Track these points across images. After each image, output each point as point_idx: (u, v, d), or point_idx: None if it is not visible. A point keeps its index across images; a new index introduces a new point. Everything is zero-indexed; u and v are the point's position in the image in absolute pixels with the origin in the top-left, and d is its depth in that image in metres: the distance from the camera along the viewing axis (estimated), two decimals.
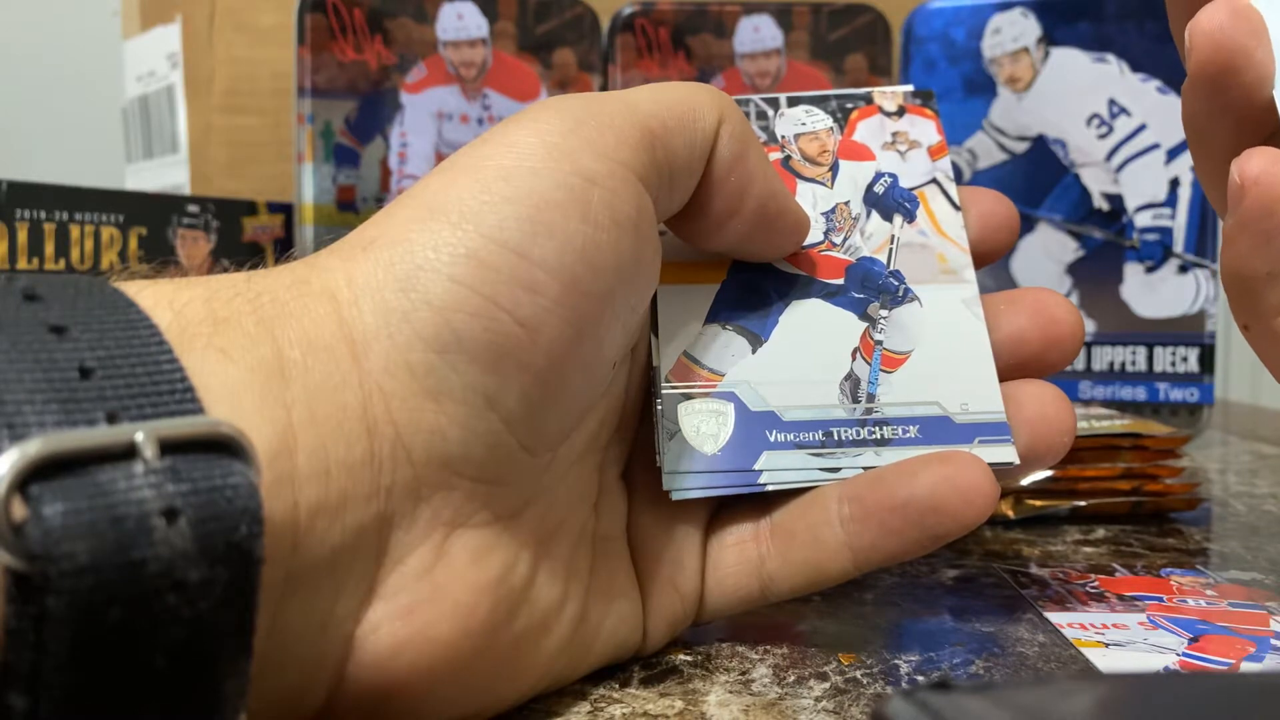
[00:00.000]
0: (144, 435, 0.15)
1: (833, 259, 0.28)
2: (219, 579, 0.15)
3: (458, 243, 0.20)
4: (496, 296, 0.20)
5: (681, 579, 0.25)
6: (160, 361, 0.16)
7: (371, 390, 0.19)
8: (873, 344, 0.26)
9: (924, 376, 0.26)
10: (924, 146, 0.29)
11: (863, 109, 0.30)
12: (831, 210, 0.28)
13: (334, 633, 0.19)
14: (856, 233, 0.28)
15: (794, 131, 0.29)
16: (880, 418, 0.26)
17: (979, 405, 0.26)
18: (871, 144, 0.29)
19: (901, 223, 0.28)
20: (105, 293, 0.17)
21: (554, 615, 0.22)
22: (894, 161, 0.29)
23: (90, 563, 0.14)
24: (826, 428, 0.25)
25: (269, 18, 0.65)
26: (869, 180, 0.29)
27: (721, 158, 0.24)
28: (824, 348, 0.26)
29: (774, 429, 0.25)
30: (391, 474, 0.19)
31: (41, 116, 1.05)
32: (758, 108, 0.29)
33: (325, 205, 0.55)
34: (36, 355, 0.15)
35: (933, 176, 0.29)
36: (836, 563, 0.25)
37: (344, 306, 0.20)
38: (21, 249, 0.46)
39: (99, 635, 0.14)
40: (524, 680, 0.22)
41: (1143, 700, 0.15)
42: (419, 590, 0.20)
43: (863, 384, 0.26)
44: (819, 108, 0.29)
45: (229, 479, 0.15)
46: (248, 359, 0.18)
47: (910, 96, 0.30)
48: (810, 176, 0.29)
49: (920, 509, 0.24)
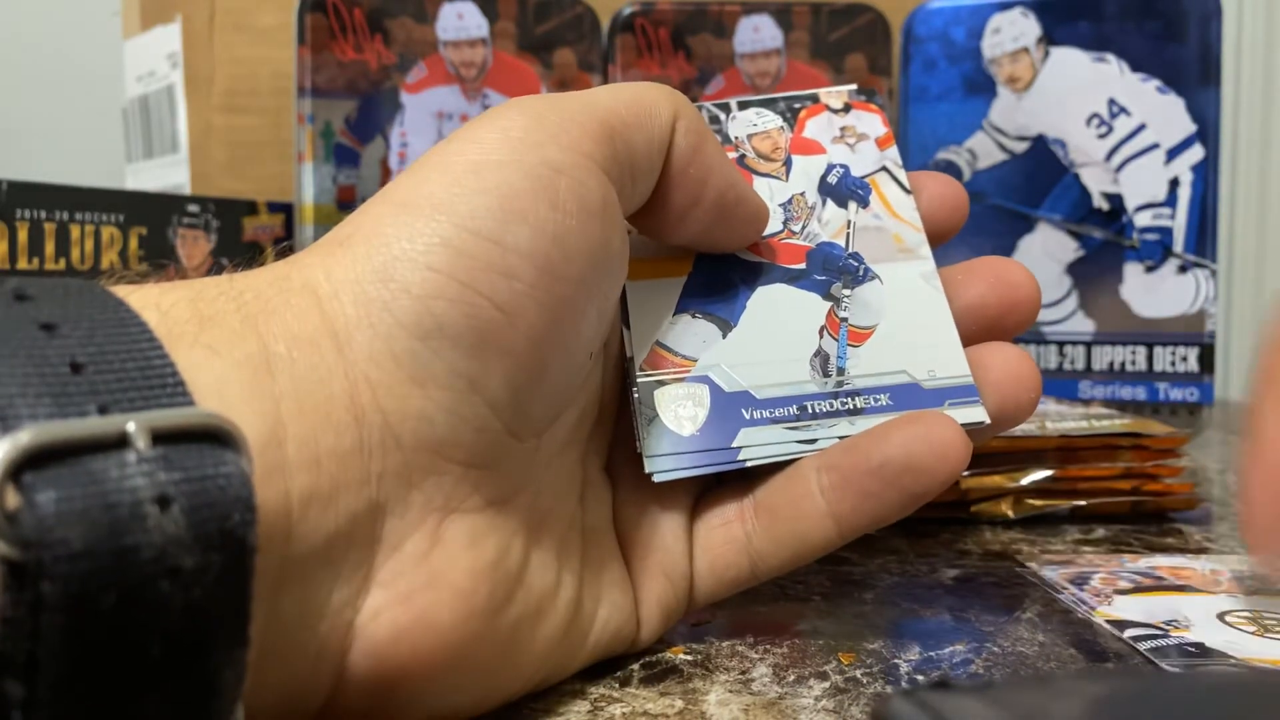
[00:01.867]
0: (136, 425, 0.15)
1: (793, 246, 0.28)
2: (213, 566, 0.15)
3: (432, 232, 0.20)
4: (474, 282, 0.20)
5: (670, 564, 0.26)
6: (150, 356, 0.16)
7: (357, 379, 0.20)
8: (838, 321, 0.27)
9: (890, 348, 0.27)
10: (871, 138, 0.30)
11: (810, 108, 0.31)
12: (788, 201, 0.29)
13: (333, 621, 0.19)
14: (814, 220, 0.29)
15: (746, 132, 0.30)
16: (851, 389, 0.26)
17: (945, 370, 0.26)
18: (822, 139, 0.30)
19: (856, 208, 0.29)
20: (95, 293, 0.17)
21: (549, 600, 0.23)
22: (844, 154, 0.30)
23: (84, 548, 0.14)
24: (800, 402, 0.26)
25: (269, 18, 0.65)
26: (822, 172, 0.30)
27: (679, 151, 0.25)
28: (792, 328, 0.27)
29: (750, 407, 0.26)
30: (382, 461, 0.20)
31: (41, 116, 1.05)
32: (709, 113, 0.31)
33: (325, 205, 0.55)
34: (28, 352, 0.15)
35: (882, 165, 0.30)
36: (821, 532, 0.25)
37: (325, 300, 0.20)
38: (22, 249, 0.46)
39: (94, 621, 0.14)
40: (523, 667, 0.22)
41: (1143, 699, 0.15)
42: (417, 576, 0.20)
43: (832, 359, 0.27)
44: (768, 109, 0.31)
45: (221, 468, 0.16)
46: (234, 354, 0.18)
47: (855, 94, 0.31)
48: (765, 172, 0.30)
49: (896, 469, 0.24)
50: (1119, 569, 0.33)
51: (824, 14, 0.59)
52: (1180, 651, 0.26)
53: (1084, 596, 0.30)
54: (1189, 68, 0.54)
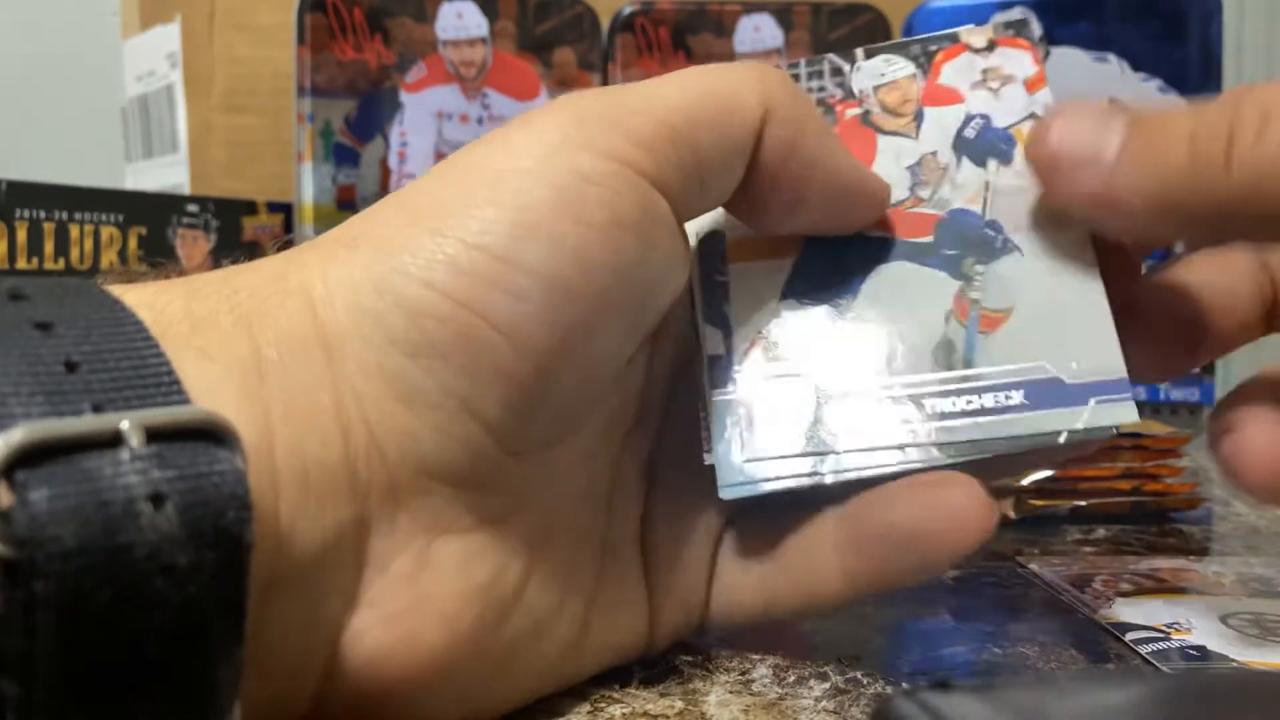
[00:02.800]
0: (130, 423, 0.15)
1: (920, 215, 0.25)
2: (207, 563, 0.15)
3: (436, 248, 0.20)
4: (471, 302, 0.19)
5: (691, 586, 0.25)
6: (145, 355, 0.16)
7: (345, 391, 0.19)
8: (968, 304, 0.24)
9: (1028, 335, 0.23)
10: (1019, 80, 0.26)
11: (947, 49, 0.27)
12: (917, 163, 0.26)
13: (319, 637, 0.19)
14: (946, 183, 0.25)
15: (872, 84, 0.26)
16: (978, 385, 0.23)
17: (1093, 361, 0.23)
18: (959, 85, 0.26)
19: (997, 166, 0.25)
20: (91, 292, 0.17)
21: (550, 621, 0.22)
22: (985, 101, 0.26)
23: (77, 546, 0.14)
24: (920, 401, 0.23)
25: (269, 17, 0.65)
26: (958, 125, 0.26)
27: (772, 146, 0.23)
28: (913, 314, 0.24)
29: (859, 408, 0.23)
30: (368, 477, 0.19)
31: (41, 116, 1.05)
32: (832, 64, 0.27)
33: (325, 205, 0.55)
34: (22, 350, 0.15)
35: (1030, 111, 0.26)
36: (832, 589, 0.24)
37: (318, 304, 0.20)
38: (21, 248, 0.46)
39: (87, 619, 0.14)
40: (521, 685, 0.22)
41: (1143, 699, 0.15)
42: (403, 597, 0.20)
43: (958, 349, 0.24)
44: (899, 55, 0.27)
45: (215, 465, 0.15)
46: (225, 357, 0.18)
47: (1002, 28, 0.27)
48: (892, 129, 0.26)
49: (902, 537, 0.22)
50: (1120, 570, 0.33)
51: (824, 13, 0.59)
52: (1182, 655, 0.26)
53: (1085, 598, 0.30)
54: (1190, 67, 0.54)
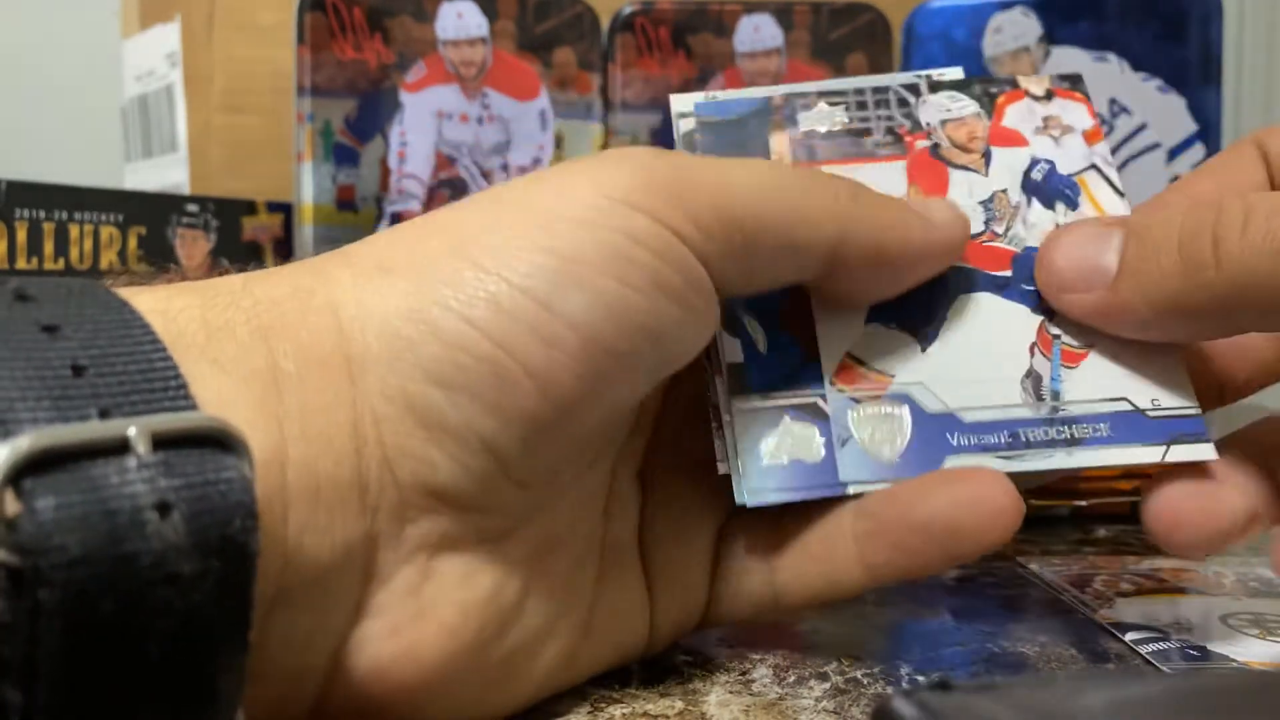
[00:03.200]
0: (136, 430, 0.15)
1: (997, 249, 0.26)
2: (213, 572, 0.15)
3: (479, 285, 0.19)
4: (509, 345, 0.19)
5: (690, 585, 0.25)
6: (153, 360, 0.16)
7: (364, 411, 0.19)
8: (1050, 338, 0.25)
9: (1108, 372, 0.25)
10: (1078, 131, 0.28)
11: (1009, 93, 0.28)
12: (989, 199, 0.27)
13: (320, 648, 0.19)
14: (1019, 222, 0.26)
15: (940, 118, 0.27)
16: (1068, 416, 0.24)
17: (1169, 400, 0.24)
18: (1023, 129, 0.28)
19: (1065, 210, 0.27)
20: (98, 294, 0.17)
21: (549, 631, 0.22)
22: (1049, 147, 0.27)
23: (82, 555, 0.14)
24: (1013, 429, 0.24)
25: (269, 17, 0.65)
26: (1025, 167, 0.27)
27: (838, 264, 0.23)
28: (999, 343, 0.25)
29: (955, 432, 0.24)
30: (378, 495, 0.19)
31: (41, 116, 1.05)
32: (898, 95, 0.28)
33: (325, 205, 0.55)
34: (29, 354, 0.15)
35: (1091, 162, 0.27)
36: (849, 577, 0.24)
37: (346, 324, 0.19)
38: (20, 248, 0.46)
39: (92, 627, 0.14)
40: (521, 692, 0.22)
41: (1144, 700, 0.15)
42: (405, 609, 0.20)
43: (1045, 381, 0.25)
44: (962, 93, 0.28)
45: (222, 473, 0.15)
46: (241, 369, 0.18)
47: (1058, 80, 0.29)
48: (962, 164, 0.27)
49: (940, 530, 0.23)
50: (1120, 570, 0.33)
51: (824, 13, 0.59)
52: (1182, 655, 0.26)
53: (1085, 598, 0.30)
54: (1190, 67, 0.54)
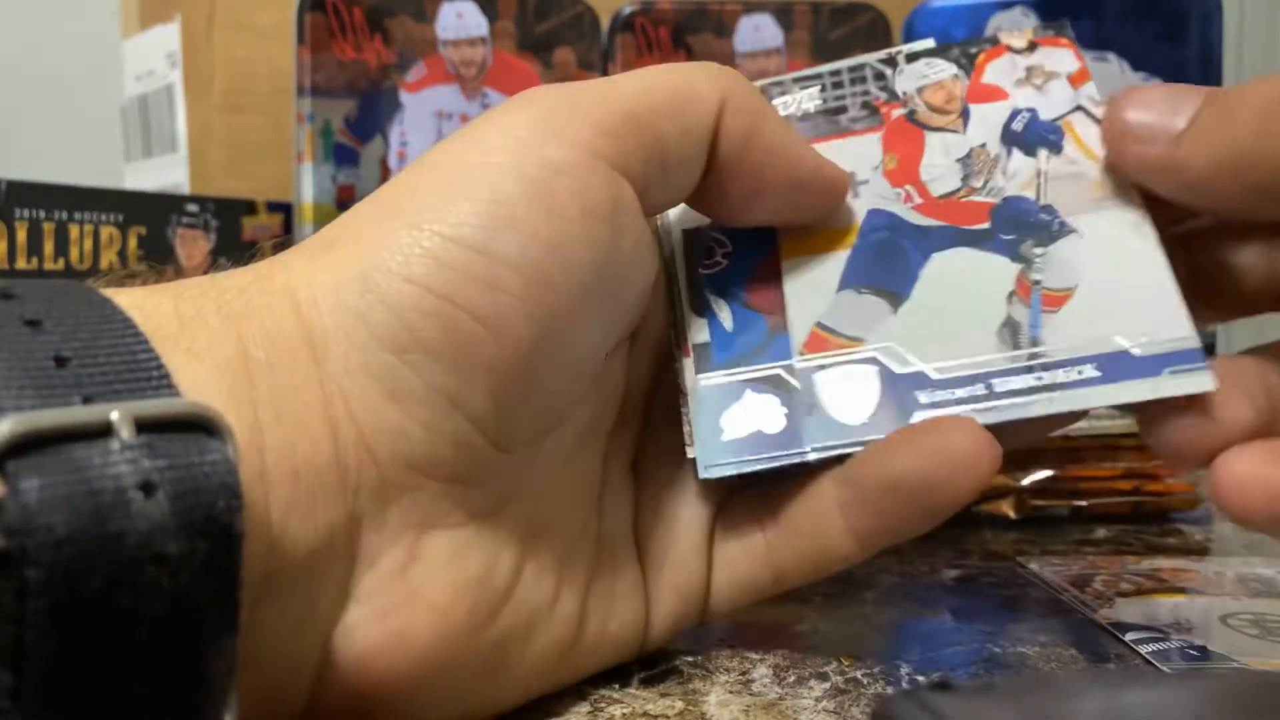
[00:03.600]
0: (120, 414, 0.15)
1: (974, 204, 0.26)
2: (199, 552, 0.15)
3: (413, 242, 0.20)
4: (453, 295, 0.20)
5: (688, 575, 0.25)
6: (135, 350, 0.16)
7: (333, 391, 0.19)
8: (1029, 284, 0.25)
9: (1094, 312, 0.24)
10: (1063, 75, 0.27)
11: (989, 50, 0.28)
12: (967, 155, 0.26)
13: (311, 635, 0.19)
14: (998, 173, 0.26)
15: (916, 85, 0.27)
16: (1048, 361, 0.24)
17: (1163, 332, 0.23)
18: (1003, 83, 0.27)
19: (1047, 156, 0.26)
20: (80, 291, 0.17)
21: (544, 615, 0.22)
22: (1031, 96, 0.27)
23: (68, 534, 0.14)
24: (988, 380, 0.24)
25: (269, 17, 0.65)
26: (1005, 119, 0.27)
27: (730, 137, 0.23)
28: (975, 296, 0.25)
29: (926, 389, 0.24)
30: (358, 475, 0.19)
31: (41, 116, 1.05)
32: (874, 69, 0.28)
33: (325, 205, 0.55)
34: (12, 347, 0.15)
35: (1077, 104, 0.27)
36: (841, 547, 0.24)
37: (303, 306, 0.20)
38: (20, 248, 0.46)
39: (80, 607, 0.14)
40: (513, 682, 0.22)
41: (1143, 699, 0.15)
42: (394, 593, 0.20)
43: (1023, 328, 0.24)
44: (940, 58, 0.28)
45: (206, 455, 0.16)
46: (214, 357, 0.18)
47: (1041, 29, 0.28)
48: (938, 126, 0.27)
49: (911, 487, 0.22)
50: (1120, 570, 0.33)
51: (824, 13, 0.59)
52: (1182, 655, 0.26)
53: (1085, 598, 0.30)
54: (1190, 67, 0.54)
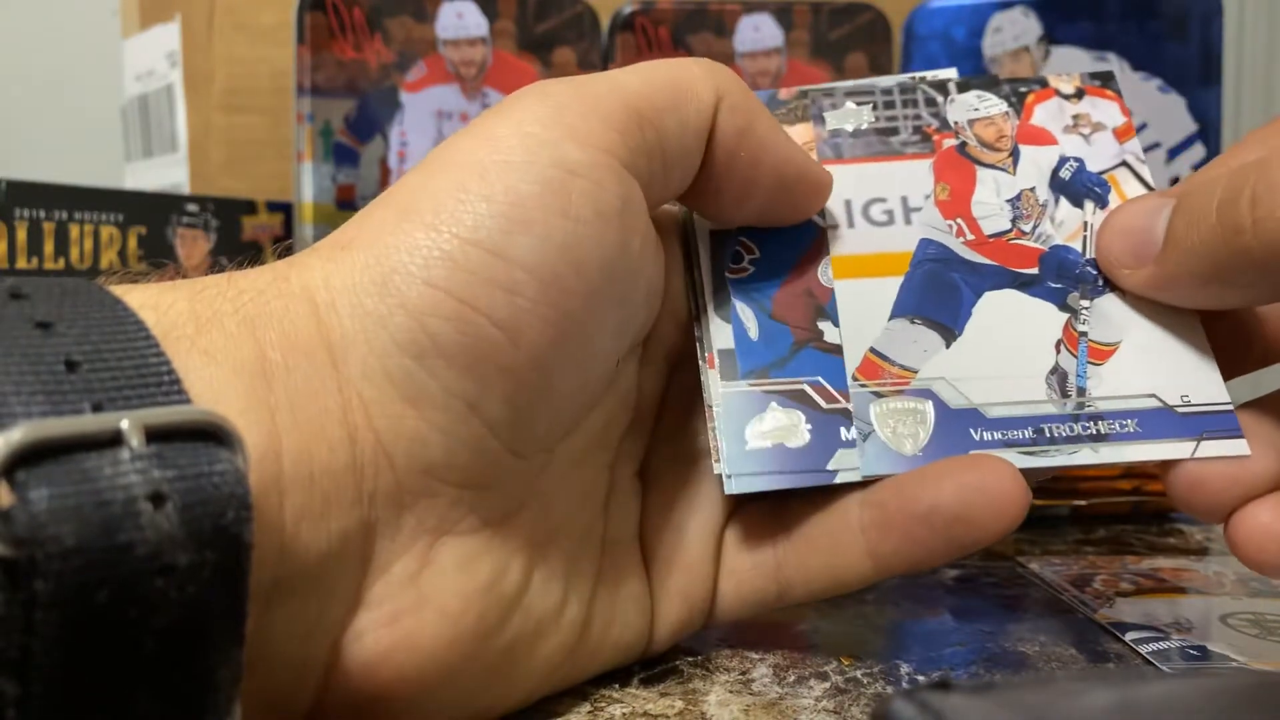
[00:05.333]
0: (130, 423, 0.15)
1: (1024, 247, 0.26)
2: (207, 563, 0.15)
3: (432, 245, 0.20)
4: (473, 299, 0.19)
5: (693, 583, 0.25)
6: (146, 354, 0.16)
7: (351, 396, 0.19)
8: (1076, 335, 0.25)
9: (1136, 368, 0.25)
10: (1109, 128, 0.28)
11: (1038, 92, 0.28)
12: (1017, 197, 0.27)
13: (320, 639, 0.19)
14: (1046, 220, 0.26)
15: (967, 117, 0.28)
16: (1094, 412, 0.24)
17: (1200, 395, 0.24)
18: (1052, 128, 0.28)
19: (1094, 209, 0.27)
20: (91, 291, 0.17)
21: (551, 621, 0.22)
22: (1078, 145, 0.27)
23: (77, 545, 0.14)
24: (1037, 424, 0.24)
25: (269, 17, 0.65)
26: (1053, 165, 0.27)
27: (725, 134, 0.23)
28: (1024, 340, 0.25)
29: (978, 427, 0.24)
30: (374, 480, 0.19)
31: (41, 115, 1.05)
32: (925, 94, 0.28)
33: (325, 204, 0.55)
34: (23, 350, 0.15)
35: (1122, 159, 0.27)
36: (856, 569, 0.24)
37: (321, 308, 0.19)
38: (21, 248, 0.46)
39: (87, 618, 0.14)
40: (522, 685, 0.22)
41: (1144, 699, 0.15)
42: (404, 598, 0.20)
43: (1070, 377, 0.25)
44: (990, 92, 0.28)
45: (215, 465, 0.15)
46: (231, 360, 0.18)
47: (1088, 78, 0.29)
48: (990, 162, 0.27)
49: (946, 518, 0.23)
50: (1120, 570, 0.33)
51: (824, 13, 0.59)
52: (1182, 655, 0.26)
53: (1085, 598, 0.30)
54: (1190, 67, 0.54)
